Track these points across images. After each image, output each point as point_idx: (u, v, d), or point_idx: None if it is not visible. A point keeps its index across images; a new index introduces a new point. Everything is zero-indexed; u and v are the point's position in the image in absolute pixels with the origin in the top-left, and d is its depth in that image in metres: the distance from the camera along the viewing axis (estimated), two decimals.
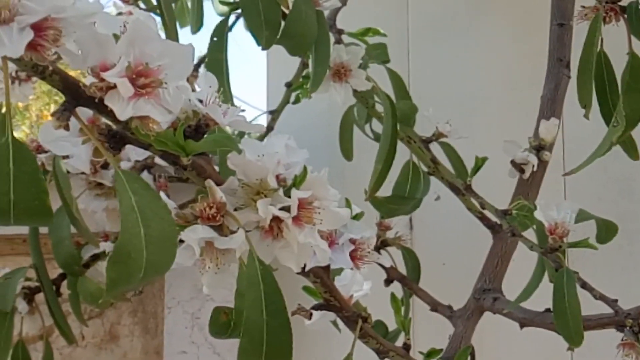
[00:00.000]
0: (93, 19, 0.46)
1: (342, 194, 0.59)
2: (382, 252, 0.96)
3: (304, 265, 0.57)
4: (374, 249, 0.67)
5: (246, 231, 0.54)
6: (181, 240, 0.51)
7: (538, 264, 0.84)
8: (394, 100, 0.91)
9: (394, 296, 0.84)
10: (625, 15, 0.83)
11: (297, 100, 1.04)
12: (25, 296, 0.95)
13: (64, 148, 0.49)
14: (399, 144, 0.89)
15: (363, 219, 0.73)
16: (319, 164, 0.57)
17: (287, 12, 0.82)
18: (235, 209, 0.55)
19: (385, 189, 0.91)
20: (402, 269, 1.00)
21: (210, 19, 1.15)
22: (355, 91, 0.90)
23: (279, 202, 0.54)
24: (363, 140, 1.07)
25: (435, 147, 0.98)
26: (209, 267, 0.54)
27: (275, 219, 0.54)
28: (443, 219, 1.16)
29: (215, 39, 0.86)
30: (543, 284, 0.86)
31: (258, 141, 0.56)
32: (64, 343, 0.93)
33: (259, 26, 0.79)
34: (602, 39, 0.82)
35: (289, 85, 1.04)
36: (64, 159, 0.98)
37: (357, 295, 0.70)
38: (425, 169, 0.97)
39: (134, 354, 1.07)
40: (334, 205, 0.57)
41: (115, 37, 0.47)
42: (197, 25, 1.15)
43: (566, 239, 0.78)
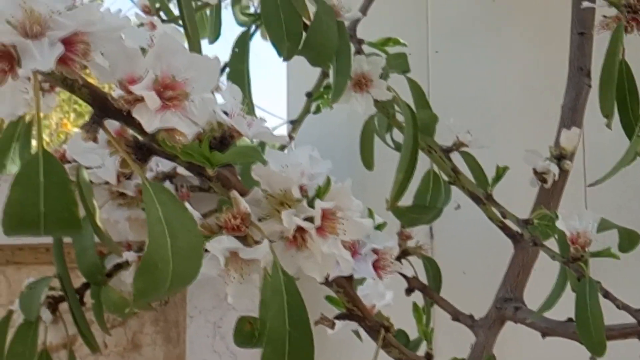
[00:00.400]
0: (121, 33, 0.47)
1: (363, 204, 0.59)
2: (403, 262, 0.96)
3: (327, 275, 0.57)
4: (394, 259, 0.68)
5: (270, 241, 0.54)
6: (206, 250, 0.52)
7: (560, 274, 0.84)
8: (414, 109, 0.91)
9: (416, 306, 0.84)
10: None
11: (318, 110, 1.05)
12: (49, 305, 0.96)
13: (92, 160, 0.50)
14: (419, 153, 0.89)
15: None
16: (339, 173, 0.57)
17: (309, 24, 0.83)
18: (260, 220, 0.56)
19: (405, 199, 0.91)
20: (423, 277, 1.00)
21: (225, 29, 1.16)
22: (376, 101, 0.90)
23: (303, 213, 0.55)
24: (383, 150, 1.07)
25: (455, 156, 0.98)
26: (234, 278, 0.54)
27: (299, 230, 0.54)
28: (463, 227, 1.16)
29: (236, 50, 0.87)
30: (564, 292, 0.86)
31: (282, 152, 0.57)
32: (87, 352, 0.94)
33: (281, 37, 0.80)
34: (624, 49, 0.82)
35: (309, 95, 1.05)
36: (87, 169, 0.99)
37: (380, 305, 0.71)
38: (446, 179, 0.97)
39: None
40: (357, 216, 0.57)
41: (142, 51, 0.48)
42: (215, 35, 1.16)
43: (588, 249, 0.78)
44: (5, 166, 1.15)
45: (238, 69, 0.85)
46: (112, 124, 0.50)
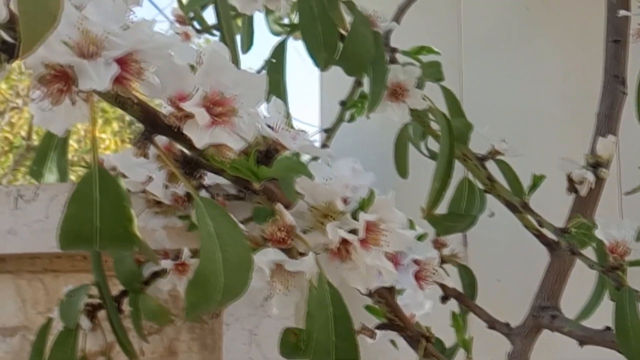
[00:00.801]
0: (170, 50, 0.48)
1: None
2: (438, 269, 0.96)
3: None
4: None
5: (315, 253, 0.55)
6: None
7: (598, 283, 0.84)
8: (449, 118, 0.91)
9: (455, 315, 0.84)
10: None
11: (352, 118, 1.06)
12: (88, 313, 0.97)
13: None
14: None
15: None
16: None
17: (345, 34, 0.83)
18: (304, 232, 0.56)
19: (439, 206, 0.91)
20: (457, 285, 1.00)
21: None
22: (411, 110, 0.91)
23: (347, 225, 0.55)
24: (416, 158, 1.07)
25: (489, 164, 0.98)
26: (279, 289, 0.55)
27: (343, 242, 0.55)
28: (497, 235, 1.15)
29: (273, 60, 0.88)
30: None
31: (325, 165, 0.57)
32: (125, 358, 0.95)
33: (318, 48, 0.81)
34: None
35: (343, 103, 1.05)
36: (124, 178, 1.00)
37: (419, 315, 0.71)
38: (480, 187, 0.97)
39: None
40: (399, 227, 0.58)
41: (191, 68, 0.49)
42: (248, 45, 1.17)
43: (627, 257, 0.78)
44: (43, 175, 1.17)
45: (275, 80, 0.86)
46: (160, 139, 0.51)
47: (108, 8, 0.44)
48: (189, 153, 0.52)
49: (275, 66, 0.87)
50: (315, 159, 0.65)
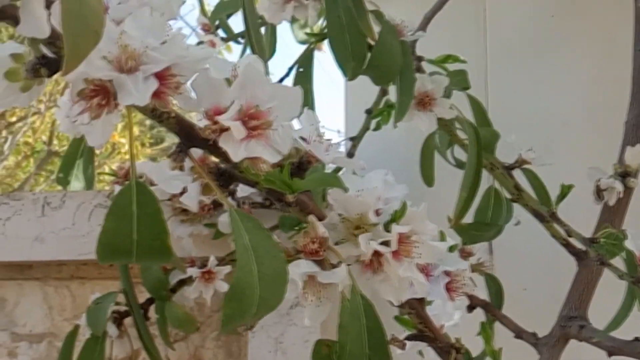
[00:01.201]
0: (206, 64, 0.48)
1: None
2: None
3: None
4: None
5: (347, 265, 0.55)
6: None
7: (627, 293, 0.83)
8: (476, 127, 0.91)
9: (484, 326, 0.84)
10: None
11: (378, 127, 1.05)
12: (114, 320, 0.98)
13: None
14: None
15: None
16: None
17: (373, 44, 0.83)
18: (335, 243, 0.56)
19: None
20: (482, 294, 1.00)
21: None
22: (438, 119, 0.91)
23: (379, 237, 0.55)
24: (441, 166, 1.07)
25: (516, 173, 0.97)
26: (311, 301, 0.55)
27: (376, 253, 0.55)
28: (522, 243, 1.15)
29: (301, 70, 0.88)
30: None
31: (357, 177, 0.58)
32: None
33: (346, 57, 0.81)
34: None
35: (369, 112, 1.05)
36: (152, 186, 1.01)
37: (448, 325, 0.71)
38: (507, 196, 0.97)
39: None
40: (431, 239, 0.58)
41: (227, 81, 0.49)
42: (270, 52, 1.17)
43: None
44: (70, 182, 1.18)
45: (304, 89, 0.86)
46: (195, 151, 0.51)
47: (146, 22, 0.44)
48: (223, 165, 0.52)
49: (303, 75, 0.87)
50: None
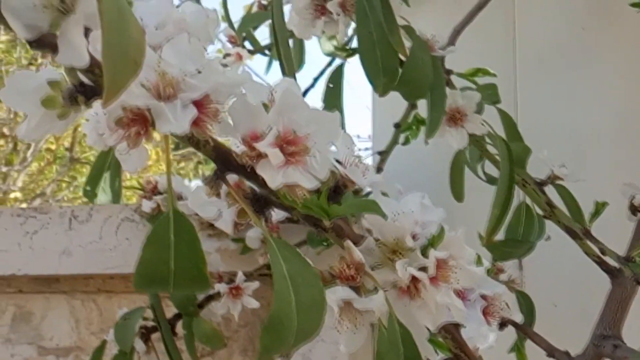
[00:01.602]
0: (242, 88, 0.47)
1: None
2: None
3: None
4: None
5: (384, 290, 0.54)
6: None
7: None
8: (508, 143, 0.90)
9: (518, 347, 0.82)
10: None
11: (407, 141, 1.04)
12: (142, 336, 0.97)
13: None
14: None
15: None
16: None
17: (404, 59, 0.82)
18: (372, 268, 0.56)
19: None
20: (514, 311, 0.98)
21: None
22: (469, 134, 0.90)
23: (416, 262, 0.54)
24: (471, 181, 1.06)
25: (547, 188, 0.96)
26: (347, 327, 0.54)
27: (413, 279, 0.54)
28: (553, 259, 1.13)
29: (331, 86, 0.87)
30: None
31: (393, 200, 0.57)
32: None
33: (377, 73, 0.80)
34: None
35: (397, 125, 1.04)
36: (179, 201, 1.01)
37: (483, 348, 0.70)
38: (539, 212, 0.95)
39: None
40: (469, 264, 0.56)
41: (264, 106, 0.48)
42: (298, 64, 1.17)
43: None
44: (97, 195, 1.18)
45: (334, 105, 0.86)
46: (231, 176, 0.51)
47: (184, 48, 0.44)
48: (258, 190, 0.51)
49: (333, 92, 0.87)
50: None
